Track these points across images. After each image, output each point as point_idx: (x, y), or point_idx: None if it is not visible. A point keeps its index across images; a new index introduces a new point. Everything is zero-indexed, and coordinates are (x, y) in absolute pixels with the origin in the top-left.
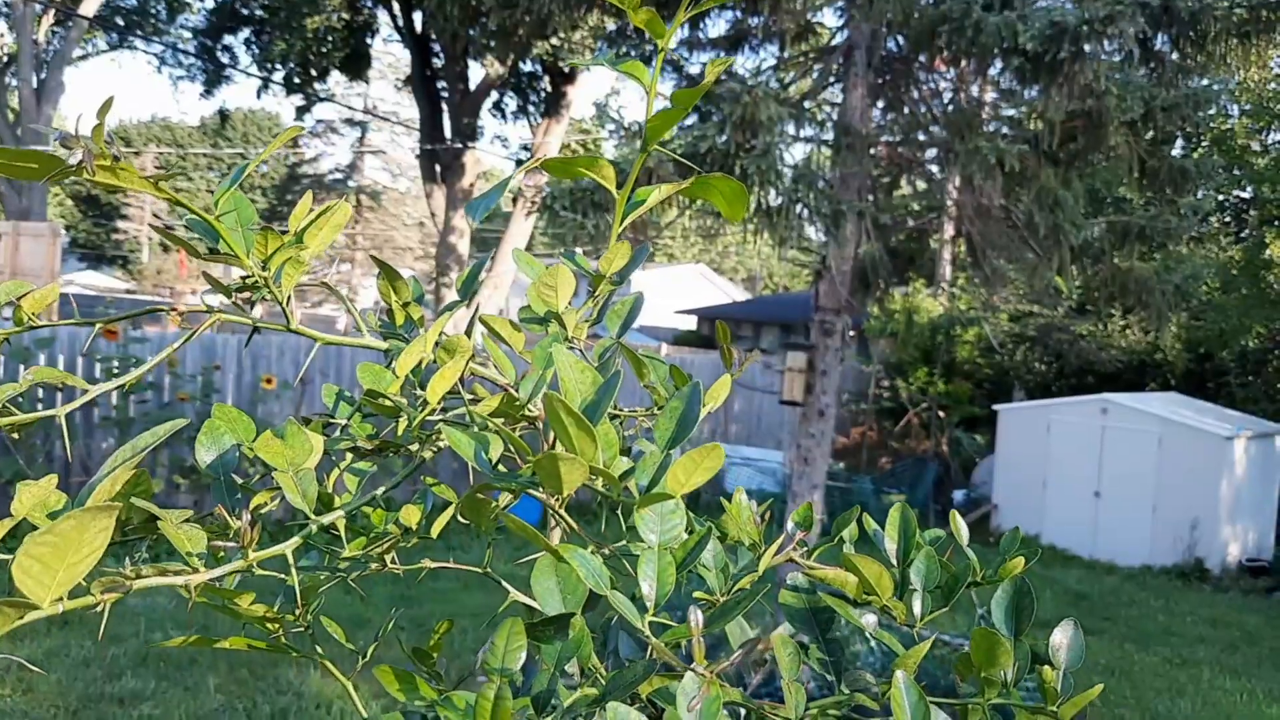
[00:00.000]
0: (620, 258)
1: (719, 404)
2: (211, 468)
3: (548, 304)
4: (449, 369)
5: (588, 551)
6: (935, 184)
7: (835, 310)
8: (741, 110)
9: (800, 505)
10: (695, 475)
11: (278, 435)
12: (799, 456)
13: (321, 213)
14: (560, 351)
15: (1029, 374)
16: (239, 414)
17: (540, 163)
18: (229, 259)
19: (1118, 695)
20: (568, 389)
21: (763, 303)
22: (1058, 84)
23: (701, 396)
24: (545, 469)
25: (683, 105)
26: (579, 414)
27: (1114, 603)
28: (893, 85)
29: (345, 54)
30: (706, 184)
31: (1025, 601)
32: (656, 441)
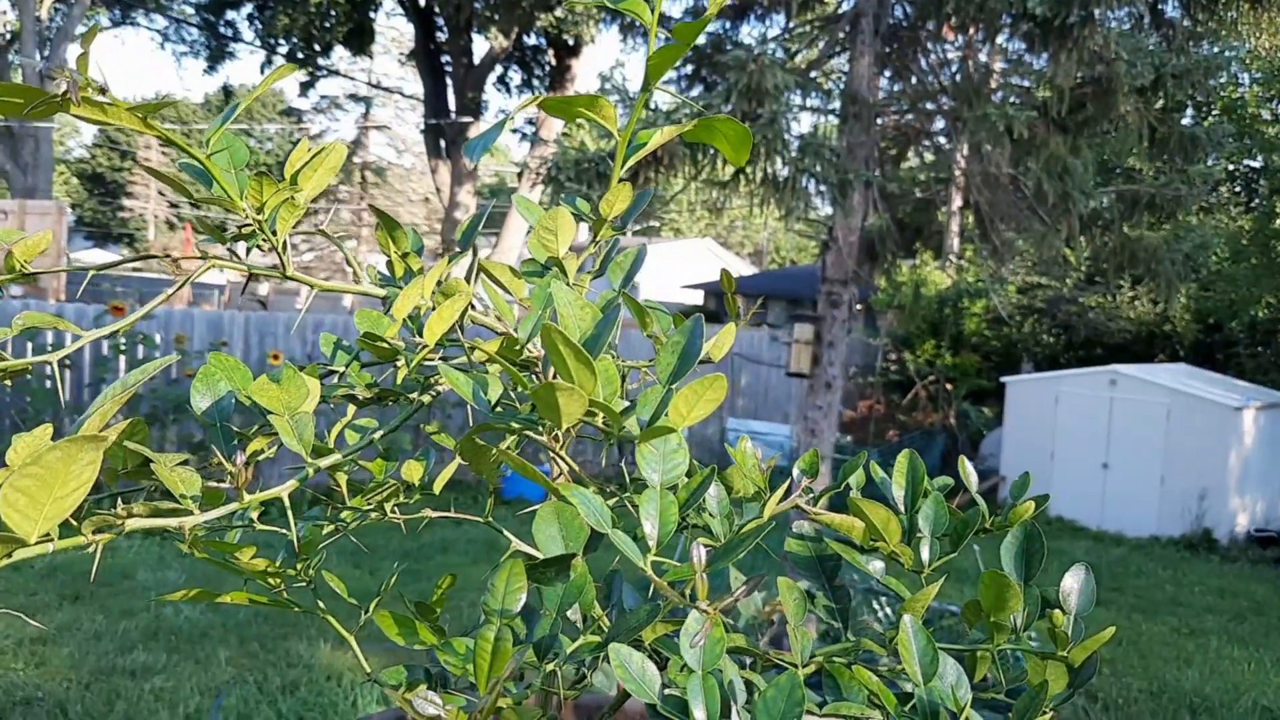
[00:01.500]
0: (622, 200)
1: (725, 352)
2: (207, 414)
3: (548, 249)
4: (447, 308)
5: (590, 491)
6: (943, 154)
7: (842, 281)
8: (747, 79)
9: (806, 453)
10: (698, 407)
11: (274, 380)
12: (806, 428)
13: (316, 154)
14: (559, 288)
15: (1037, 346)
16: (236, 362)
17: (539, 101)
18: (221, 201)
19: (1125, 664)
20: (567, 324)
21: (770, 276)
22: (1067, 49)
23: (704, 331)
24: (544, 400)
25: (684, 40)
26: (578, 345)
27: (1122, 573)
28: (900, 54)
29: (348, 28)
30: (710, 126)
31: (1035, 547)
32: (659, 377)
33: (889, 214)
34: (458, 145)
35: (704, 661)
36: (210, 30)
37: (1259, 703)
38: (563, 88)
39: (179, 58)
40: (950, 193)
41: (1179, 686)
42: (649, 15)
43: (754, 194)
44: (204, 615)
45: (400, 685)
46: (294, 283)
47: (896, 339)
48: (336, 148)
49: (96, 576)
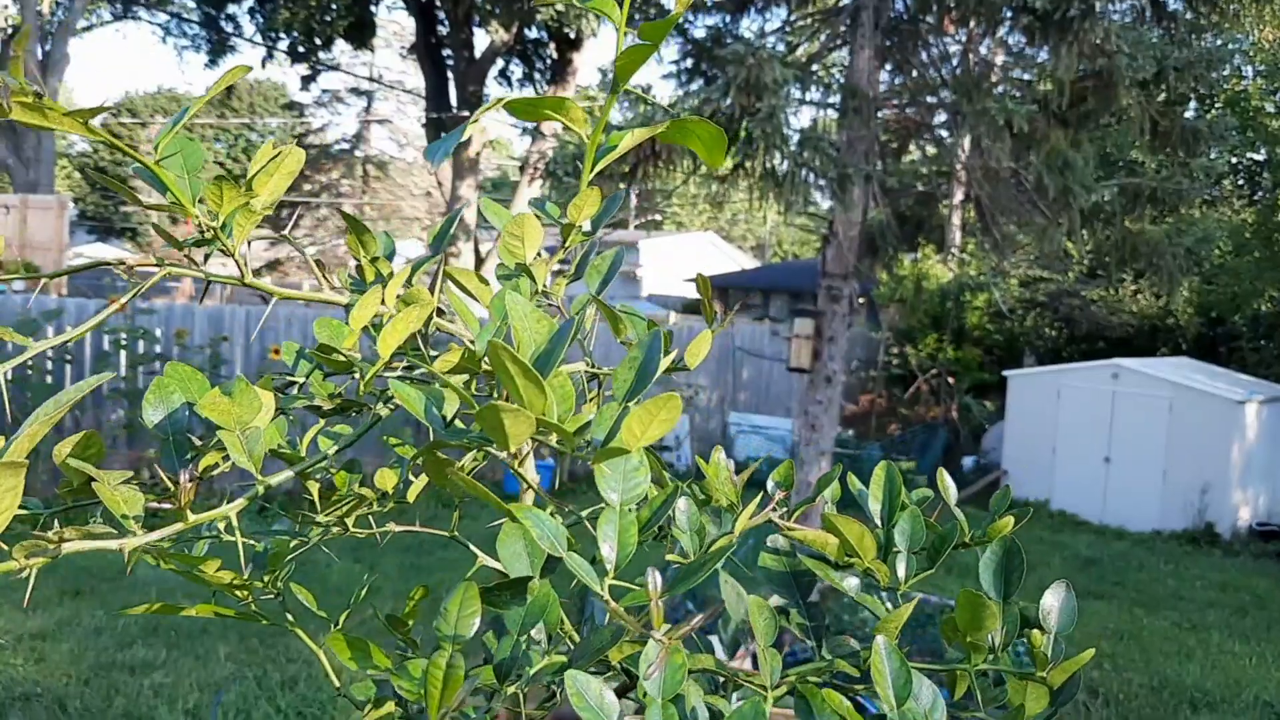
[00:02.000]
0: (590, 205)
1: (700, 361)
2: (159, 428)
3: (514, 255)
4: (401, 320)
5: (546, 512)
6: (944, 148)
7: (843, 276)
8: (746, 73)
9: (781, 464)
10: (652, 427)
11: (226, 393)
12: (806, 424)
13: (272, 159)
14: (514, 299)
15: (1039, 339)
16: (192, 372)
17: (503, 103)
18: (174, 208)
19: (1126, 659)
20: (520, 338)
21: (771, 270)
22: (1067, 43)
23: (663, 345)
24: (488, 421)
25: (652, 40)
26: (525, 362)
27: (1124, 567)
28: (900, 47)
29: (349, 22)
30: (683, 128)
31: (1015, 563)
32: (615, 393)
33: (889, 208)
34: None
35: (663, 690)
36: (211, 24)
37: (1260, 698)
38: (564, 81)
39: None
40: (951, 186)
41: (1180, 681)
42: (618, 14)
43: (754, 188)
44: None
45: (369, 702)
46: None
47: (898, 333)
48: (294, 152)
49: (95, 573)
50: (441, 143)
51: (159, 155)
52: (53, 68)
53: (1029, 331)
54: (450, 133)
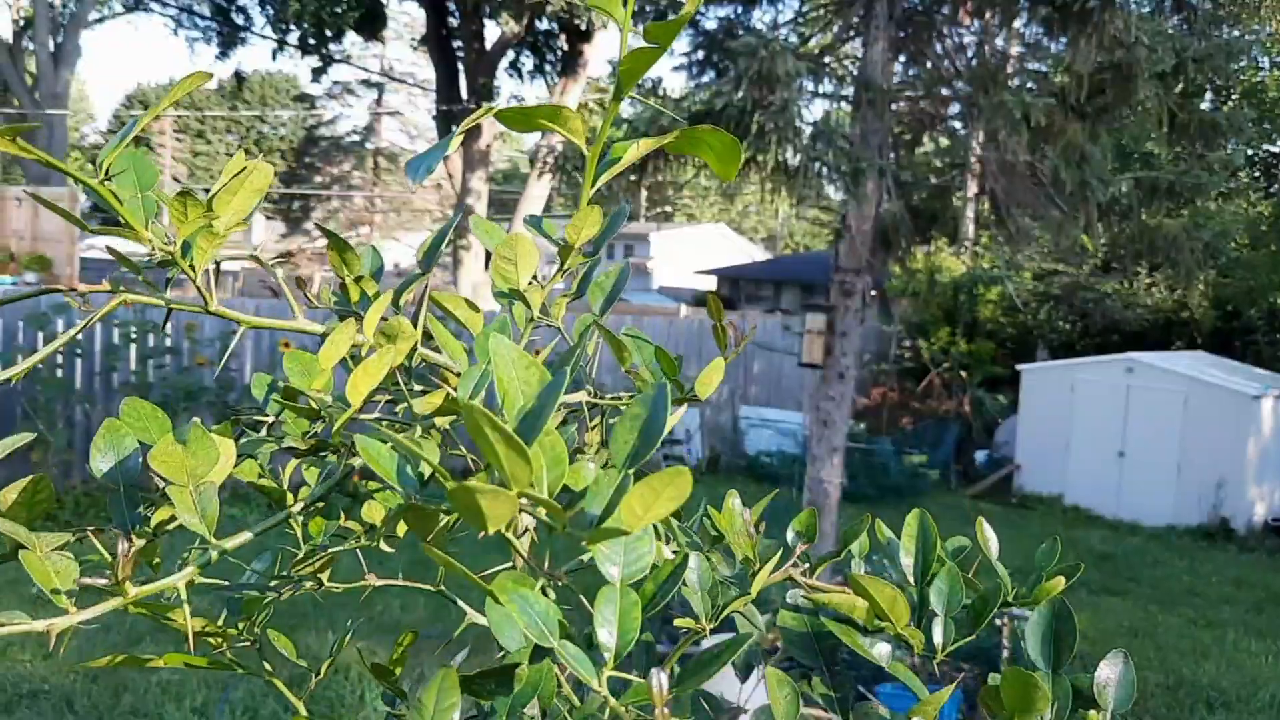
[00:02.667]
0: (591, 224)
1: (712, 390)
2: (109, 476)
3: (507, 280)
4: (373, 364)
5: (534, 590)
6: (958, 140)
7: (856, 271)
8: (759, 65)
9: (801, 513)
10: (657, 505)
11: (180, 440)
12: (818, 419)
13: (235, 175)
14: (498, 343)
15: (1053, 333)
16: (152, 411)
17: (493, 112)
18: (124, 231)
19: (1141, 657)
20: (506, 390)
21: (783, 262)
22: (1086, 34)
23: (669, 401)
24: (461, 503)
25: (660, 41)
26: (506, 430)
27: (1138, 563)
28: (915, 38)
29: (360, 14)
30: (695, 138)
31: (1066, 628)
32: (613, 457)
33: (903, 201)
34: (470, 131)
35: None
36: (222, 16)
37: (1278, 697)
38: (575, 73)
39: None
40: (965, 178)
41: (1196, 680)
42: (621, 12)
43: (766, 182)
44: (213, 607)
45: None
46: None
47: (910, 326)
48: (260, 168)
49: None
50: (423, 158)
51: (104, 171)
52: (64, 60)
53: (1042, 325)
54: (432, 147)
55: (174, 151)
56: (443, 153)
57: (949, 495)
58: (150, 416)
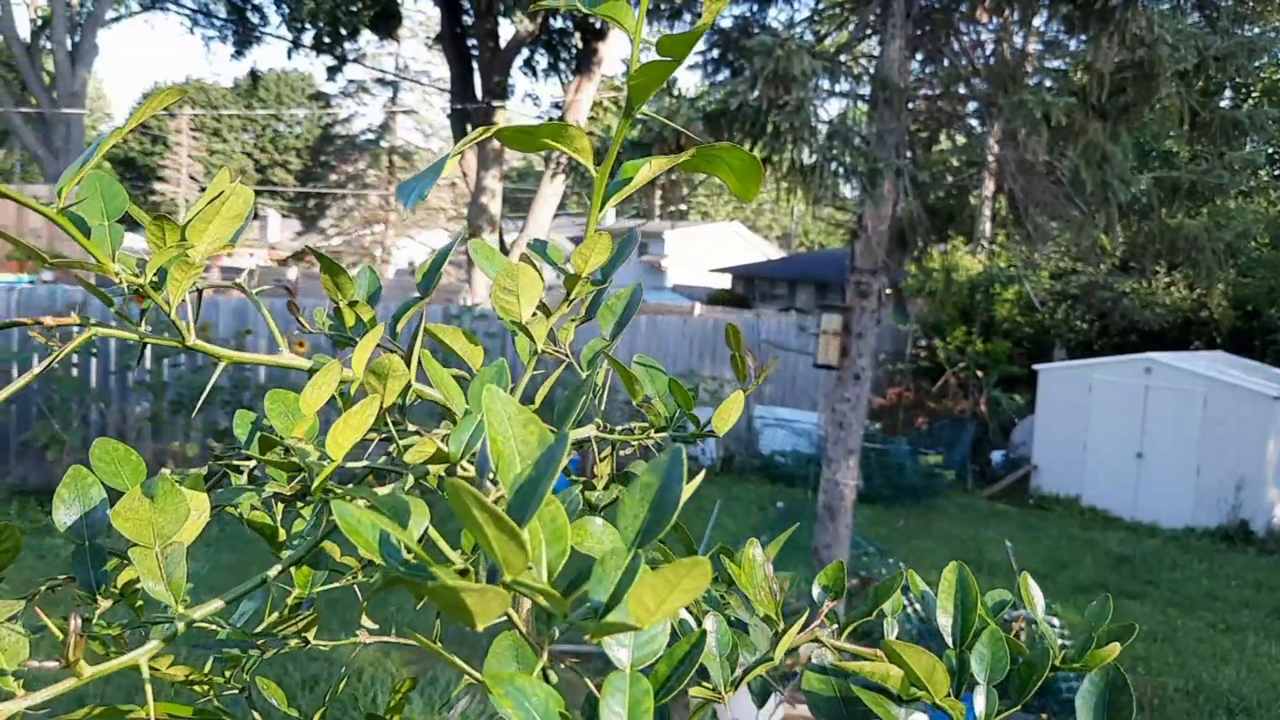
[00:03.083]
0: (599, 253)
1: (730, 426)
2: (73, 531)
3: (508, 312)
4: (356, 416)
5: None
6: (975, 138)
7: (872, 271)
8: (774, 64)
9: (828, 566)
10: (670, 600)
11: (147, 494)
12: (834, 421)
13: (211, 201)
14: (493, 397)
15: (1070, 333)
16: (125, 454)
17: (493, 132)
18: (88, 265)
19: (1160, 662)
20: (500, 453)
21: (798, 261)
22: (1108, 33)
23: (685, 469)
24: (444, 602)
25: (674, 55)
26: (497, 512)
27: (1156, 566)
28: (932, 36)
29: (375, 12)
30: (712, 156)
31: (1122, 699)
32: (621, 533)
33: (919, 201)
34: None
35: None
36: (237, 15)
37: None
38: (589, 71)
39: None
40: (983, 178)
41: (1215, 686)
42: (631, 21)
43: (781, 182)
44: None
45: None
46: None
47: (926, 325)
48: (240, 192)
49: None
50: (415, 183)
51: (64, 199)
52: (81, 58)
53: (1060, 324)
54: (426, 171)
55: (190, 150)
56: (435, 177)
57: (965, 496)
58: (123, 460)
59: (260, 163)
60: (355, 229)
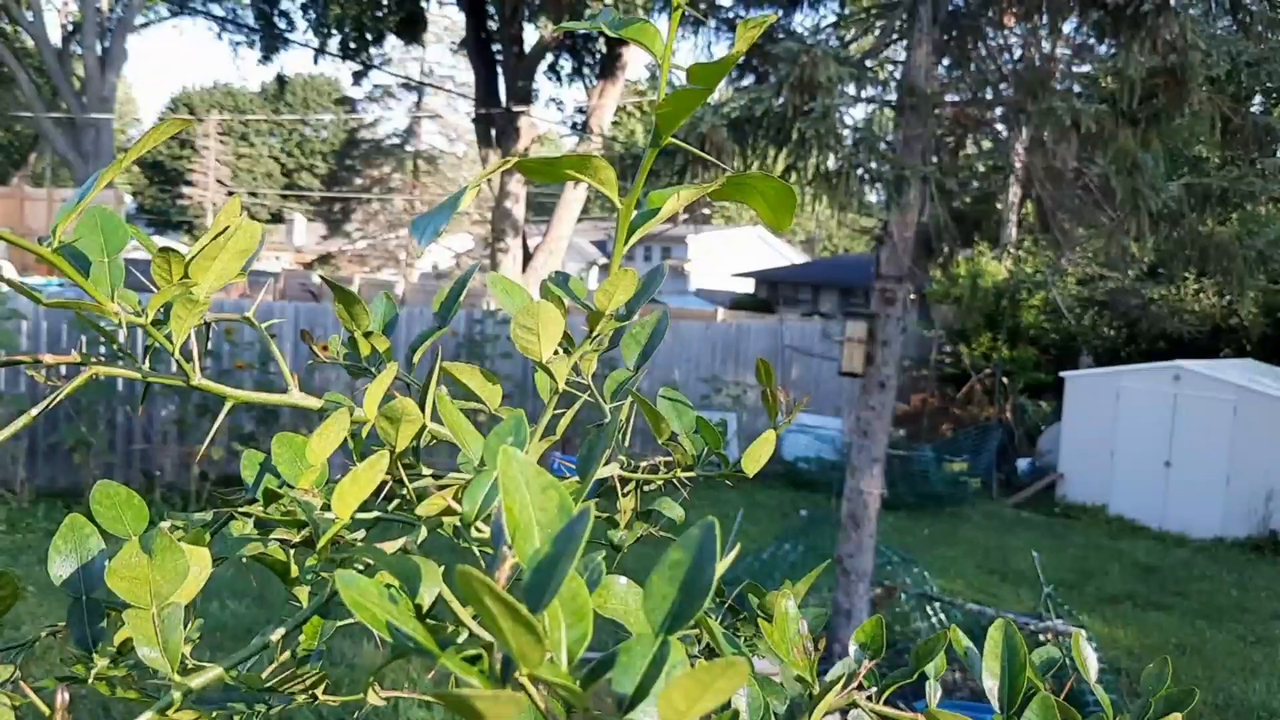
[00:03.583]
0: (624, 289)
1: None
2: (69, 585)
3: (528, 351)
4: (365, 473)
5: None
6: (1001, 143)
7: (897, 278)
8: (799, 71)
9: (866, 622)
10: (704, 700)
11: (145, 550)
12: (859, 429)
13: (217, 235)
14: (509, 461)
15: (1097, 339)
16: (128, 497)
17: (514, 164)
18: (86, 306)
19: (1189, 675)
20: (518, 526)
21: (821, 265)
22: (1139, 39)
23: (717, 545)
24: (455, 707)
25: (704, 84)
26: (512, 603)
27: (1185, 576)
28: (959, 42)
29: (400, 17)
30: (744, 185)
31: None
32: (648, 615)
33: (946, 207)
34: (508, 134)
35: None
36: (265, 20)
37: None
38: (613, 76)
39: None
40: (1009, 182)
41: (1245, 700)
42: (660, 46)
43: (806, 188)
44: (249, 610)
45: None
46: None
47: (951, 331)
48: (246, 227)
49: None
50: (431, 219)
51: (59, 236)
52: (111, 63)
53: (1086, 331)
54: (441, 206)
55: (218, 154)
56: (450, 213)
57: (990, 504)
58: (125, 504)
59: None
60: (380, 232)
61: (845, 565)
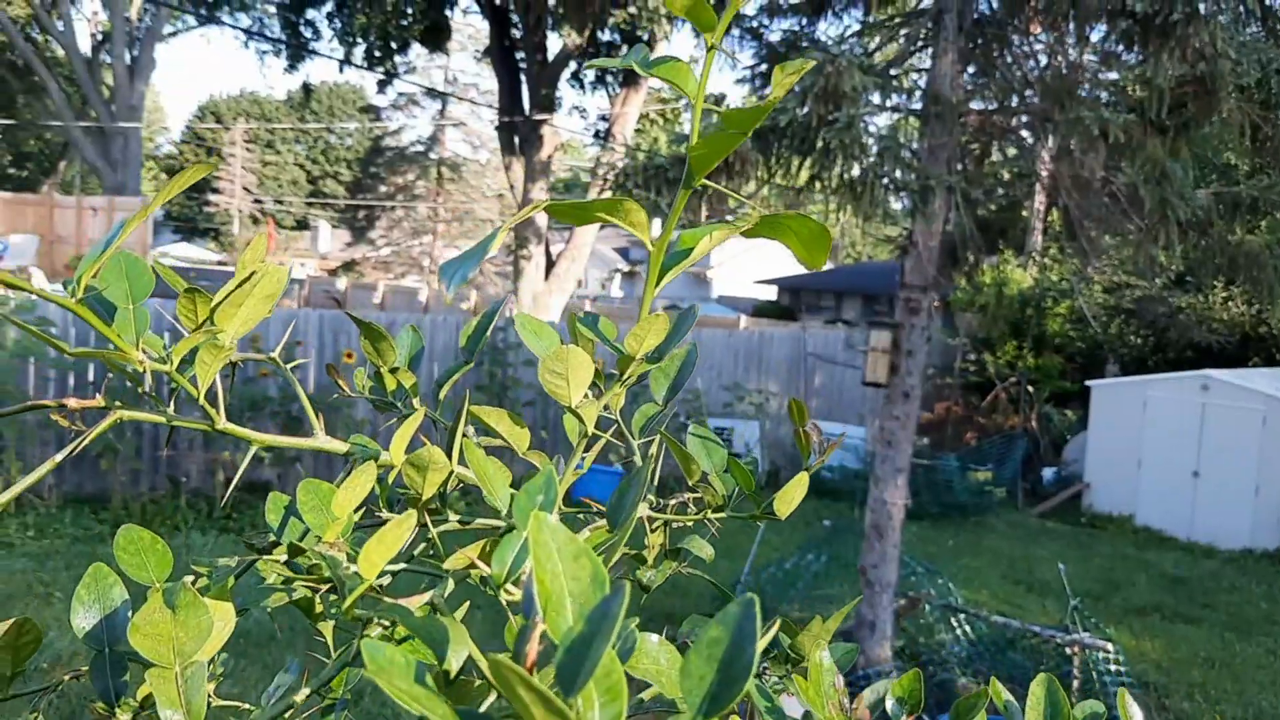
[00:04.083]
0: (655, 334)
1: (793, 508)
2: (92, 637)
3: (557, 396)
4: (391, 533)
5: None
6: (1026, 149)
7: (922, 287)
8: (824, 81)
9: (904, 677)
10: None
11: (169, 605)
12: (882, 439)
13: (242, 282)
14: (542, 528)
15: (1124, 348)
16: (152, 541)
17: (545, 206)
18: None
19: (1218, 689)
20: (550, 598)
21: (844, 272)
22: (1169, 48)
23: (758, 623)
24: None
25: (740, 128)
26: (545, 693)
27: (1214, 588)
28: (984, 49)
29: (425, 26)
30: (778, 224)
31: None
32: (685, 698)
33: (971, 216)
34: (531, 142)
35: None
36: (291, 29)
37: None
38: (636, 84)
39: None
40: (1034, 190)
41: (1275, 714)
42: (692, 84)
43: (831, 198)
44: (274, 613)
45: None
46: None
47: (975, 339)
48: (273, 272)
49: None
50: (458, 265)
51: (84, 288)
52: (139, 72)
53: (1113, 339)
54: (469, 252)
55: (245, 162)
56: (479, 259)
57: (1016, 514)
58: (149, 549)
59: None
60: (404, 239)
61: (869, 576)
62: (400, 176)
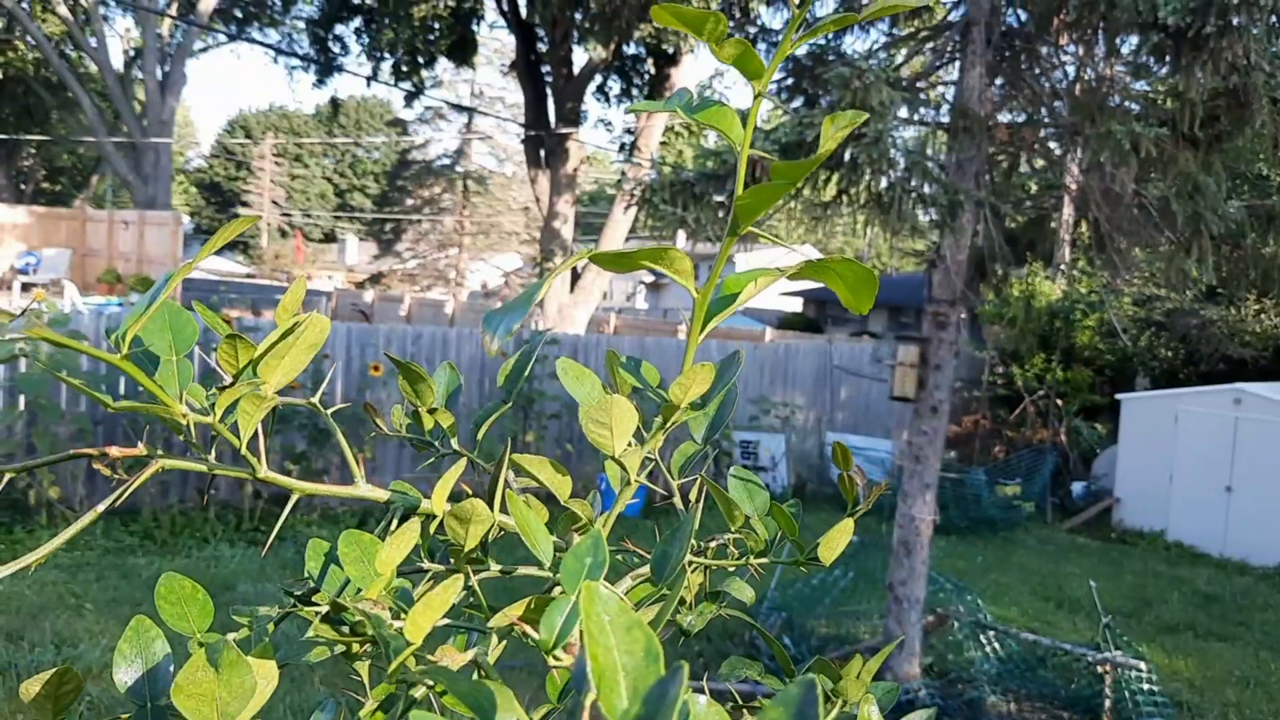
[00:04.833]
0: (700, 384)
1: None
2: (133, 693)
3: (600, 445)
4: (438, 598)
5: None
6: (1055, 161)
7: (950, 302)
8: (852, 96)
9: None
10: None
11: (212, 663)
12: (910, 455)
13: (286, 333)
14: (592, 600)
15: (1154, 361)
16: (193, 591)
17: (590, 256)
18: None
19: (1253, 710)
20: (603, 674)
21: None
22: (1201, 61)
23: (819, 709)
24: None
25: (789, 179)
26: None
27: (1248, 606)
28: (1013, 62)
29: (452, 41)
30: (824, 269)
31: None
32: None
33: (999, 229)
34: (557, 155)
35: None
36: (319, 45)
37: None
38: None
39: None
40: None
41: None
42: (738, 130)
43: (858, 213)
44: (301, 631)
45: None
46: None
47: (1003, 352)
48: (316, 321)
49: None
50: (502, 317)
51: (129, 344)
52: (170, 88)
53: (1143, 352)
54: (515, 302)
55: (273, 175)
56: (524, 311)
57: (1045, 529)
58: (190, 599)
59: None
60: (430, 252)
61: (897, 592)
62: (427, 189)
